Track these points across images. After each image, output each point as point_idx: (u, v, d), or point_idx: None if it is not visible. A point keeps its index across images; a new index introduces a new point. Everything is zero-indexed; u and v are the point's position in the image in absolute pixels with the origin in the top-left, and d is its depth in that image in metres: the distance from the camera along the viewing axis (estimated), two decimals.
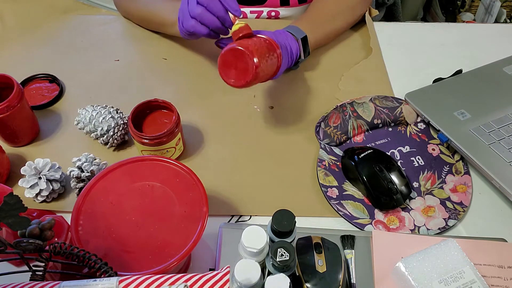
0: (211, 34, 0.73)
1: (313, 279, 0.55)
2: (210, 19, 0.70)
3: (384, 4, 1.19)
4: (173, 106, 0.71)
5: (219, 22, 0.70)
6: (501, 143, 0.72)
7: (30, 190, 0.67)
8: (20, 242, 0.47)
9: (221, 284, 0.46)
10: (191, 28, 0.72)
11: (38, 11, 1.00)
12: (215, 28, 0.71)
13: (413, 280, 0.56)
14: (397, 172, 0.69)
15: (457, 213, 0.68)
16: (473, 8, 1.80)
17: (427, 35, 0.98)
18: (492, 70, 0.86)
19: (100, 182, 0.58)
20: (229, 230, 0.64)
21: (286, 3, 0.97)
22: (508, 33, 0.98)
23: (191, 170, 0.60)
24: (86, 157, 0.69)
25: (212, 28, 0.71)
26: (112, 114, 0.74)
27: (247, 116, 0.82)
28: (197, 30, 0.72)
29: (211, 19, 0.70)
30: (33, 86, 0.85)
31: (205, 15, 0.69)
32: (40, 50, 0.93)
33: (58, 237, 0.60)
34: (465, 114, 0.77)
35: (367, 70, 0.89)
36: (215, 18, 0.70)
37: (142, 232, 0.54)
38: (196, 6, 0.70)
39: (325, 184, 0.71)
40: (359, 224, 0.67)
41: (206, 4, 0.69)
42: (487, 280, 0.58)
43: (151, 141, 0.68)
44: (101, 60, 0.91)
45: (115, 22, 0.99)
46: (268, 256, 0.52)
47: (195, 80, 0.88)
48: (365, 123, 0.78)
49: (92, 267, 0.49)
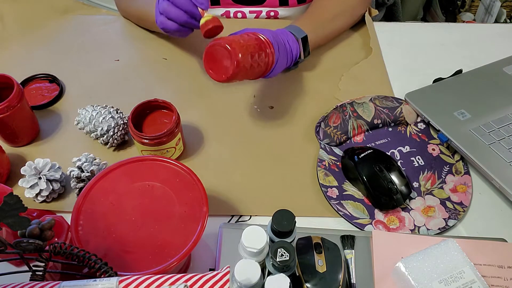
0: (182, 30, 0.72)
1: (313, 279, 0.55)
2: (176, 13, 0.69)
3: (384, 4, 1.19)
4: (173, 106, 0.71)
5: (187, 16, 0.69)
6: (501, 143, 0.72)
7: (30, 190, 0.67)
8: (20, 242, 0.47)
9: (221, 284, 0.46)
10: (160, 24, 0.72)
11: (38, 11, 1.00)
12: (184, 23, 0.70)
13: (413, 280, 0.56)
14: (397, 172, 0.69)
15: (457, 213, 0.68)
16: (473, 8, 1.80)
17: (427, 35, 0.98)
18: (492, 70, 0.86)
19: (100, 182, 0.58)
20: (229, 230, 0.64)
21: (285, 3, 0.97)
22: (508, 33, 0.98)
23: (191, 170, 0.60)
24: (86, 157, 0.69)
25: (180, 23, 0.70)
26: (112, 114, 0.74)
27: (247, 116, 0.82)
28: (166, 26, 0.71)
29: (178, 13, 0.69)
30: (33, 86, 0.85)
31: (171, 10, 0.69)
32: (40, 50, 0.93)
33: (58, 237, 0.60)
34: (465, 114, 0.77)
35: (367, 70, 0.89)
36: (182, 12, 0.69)
37: (142, 232, 0.54)
38: (162, 1, 0.70)
39: (325, 184, 0.71)
40: (359, 224, 0.67)
41: None
42: (487, 280, 0.58)
43: (151, 141, 0.68)
44: (101, 60, 0.91)
45: (115, 22, 0.99)
46: (268, 256, 0.52)
47: (195, 80, 0.88)
48: (365, 123, 0.78)
49: (92, 267, 0.49)
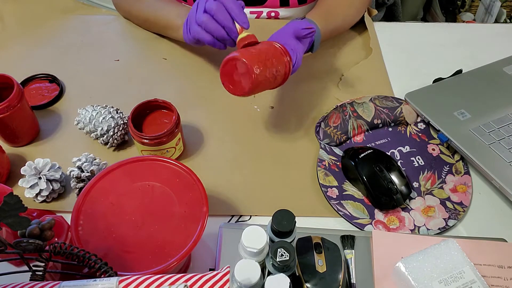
0: (216, 43, 0.72)
1: (313, 279, 0.55)
2: (215, 27, 0.70)
3: (384, 4, 1.19)
4: (173, 106, 0.71)
5: (224, 32, 0.70)
6: (501, 143, 0.72)
7: (30, 190, 0.67)
8: (20, 242, 0.47)
9: (221, 284, 0.46)
10: (195, 33, 0.72)
11: (38, 11, 1.00)
12: (219, 37, 0.71)
13: (413, 280, 0.56)
14: (397, 172, 0.69)
15: (457, 213, 0.68)
16: (473, 8, 1.80)
17: (427, 35, 0.98)
18: (492, 70, 0.86)
19: (100, 182, 0.58)
20: (229, 230, 0.64)
21: (286, 4, 0.97)
22: (508, 33, 0.98)
23: (191, 170, 0.60)
24: (86, 157, 0.69)
25: (216, 37, 0.71)
26: (112, 114, 0.74)
27: (247, 116, 0.82)
28: (201, 37, 0.72)
29: (216, 27, 0.70)
30: (33, 86, 0.85)
31: (210, 23, 0.70)
32: (40, 50, 0.93)
33: (58, 237, 0.60)
34: (465, 114, 0.77)
35: (367, 70, 0.89)
36: (220, 27, 0.70)
37: (142, 232, 0.54)
38: (202, 13, 0.70)
39: (325, 184, 0.71)
40: (359, 224, 0.67)
41: (213, 12, 0.69)
42: (487, 280, 0.58)
43: (151, 141, 0.68)
44: (101, 60, 0.91)
45: (115, 22, 0.99)
46: (268, 256, 0.52)
47: (195, 80, 0.88)
48: (365, 123, 0.78)
49: (92, 267, 0.49)
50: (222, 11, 0.68)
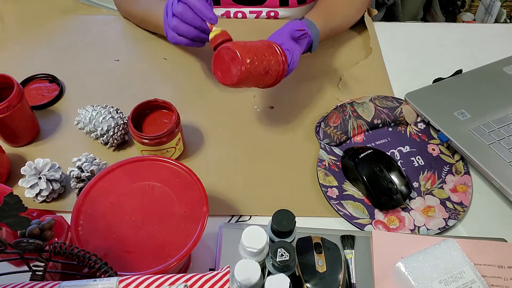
0: (194, 44, 0.73)
1: (313, 279, 0.55)
2: (186, 29, 0.71)
3: (384, 4, 1.19)
4: (173, 106, 0.71)
5: (197, 31, 0.71)
6: (501, 143, 0.72)
7: (30, 190, 0.67)
8: (20, 242, 0.47)
9: (221, 284, 0.46)
10: (172, 39, 0.73)
11: (38, 11, 1.00)
12: (194, 37, 0.72)
13: (413, 280, 0.56)
14: (397, 172, 0.69)
15: (457, 213, 0.68)
16: (473, 8, 1.80)
17: (427, 35, 0.98)
18: (492, 70, 0.86)
19: (100, 182, 0.58)
20: (229, 230, 0.64)
21: (285, 4, 0.97)
22: (508, 33, 0.98)
23: (191, 170, 0.60)
24: (86, 157, 0.69)
25: (191, 38, 0.72)
26: (112, 114, 0.74)
27: (247, 116, 0.82)
28: (177, 41, 0.73)
29: (187, 29, 0.71)
30: (33, 86, 0.85)
31: (181, 26, 0.71)
32: (40, 50, 0.93)
33: (58, 237, 0.60)
34: (465, 114, 0.77)
35: (367, 70, 0.89)
36: (191, 28, 0.70)
37: (142, 232, 0.54)
38: (172, 18, 0.71)
39: (325, 184, 0.71)
40: (359, 224, 0.67)
41: (180, 15, 0.70)
42: (487, 280, 0.58)
43: (151, 141, 0.68)
44: (101, 60, 0.91)
45: (115, 22, 0.99)
46: (268, 256, 0.52)
47: (195, 80, 0.88)
48: (365, 123, 0.78)
49: (92, 267, 0.49)
50: (188, 12, 0.69)
